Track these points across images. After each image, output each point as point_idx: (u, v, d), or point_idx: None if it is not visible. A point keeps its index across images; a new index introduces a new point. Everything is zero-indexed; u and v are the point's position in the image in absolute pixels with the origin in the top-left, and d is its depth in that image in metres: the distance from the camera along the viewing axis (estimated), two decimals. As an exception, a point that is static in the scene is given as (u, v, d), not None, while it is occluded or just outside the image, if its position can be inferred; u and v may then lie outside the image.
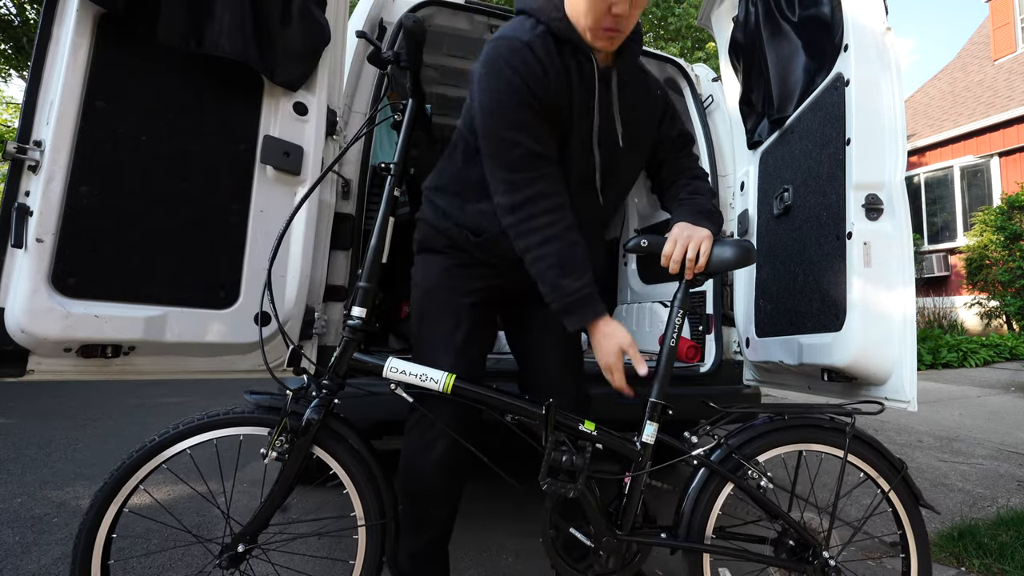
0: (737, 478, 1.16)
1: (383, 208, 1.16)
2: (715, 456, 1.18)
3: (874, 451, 1.22)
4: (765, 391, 2.30)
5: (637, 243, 1.18)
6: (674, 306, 1.18)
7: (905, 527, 1.21)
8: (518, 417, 1.14)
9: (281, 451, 1.09)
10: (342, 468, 1.14)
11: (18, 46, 9.35)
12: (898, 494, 1.21)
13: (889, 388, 1.36)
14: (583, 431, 1.14)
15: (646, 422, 1.15)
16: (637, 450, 1.15)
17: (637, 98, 1.24)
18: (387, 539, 1.14)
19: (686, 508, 1.17)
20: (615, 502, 1.19)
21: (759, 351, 1.86)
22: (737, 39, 2.02)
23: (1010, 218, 7.58)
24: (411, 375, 1.12)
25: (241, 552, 1.08)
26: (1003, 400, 4.57)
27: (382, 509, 1.13)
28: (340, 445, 1.14)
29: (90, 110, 1.19)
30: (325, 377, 1.13)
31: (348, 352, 1.13)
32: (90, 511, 1.03)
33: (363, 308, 1.13)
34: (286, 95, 1.42)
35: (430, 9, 2.00)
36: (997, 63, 10.32)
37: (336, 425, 1.15)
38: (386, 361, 1.13)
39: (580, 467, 1.11)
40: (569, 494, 1.10)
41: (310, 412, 1.09)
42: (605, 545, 1.14)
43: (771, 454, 1.21)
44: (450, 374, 1.13)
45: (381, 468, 1.15)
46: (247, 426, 1.12)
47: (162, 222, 1.27)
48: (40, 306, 1.12)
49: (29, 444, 2.89)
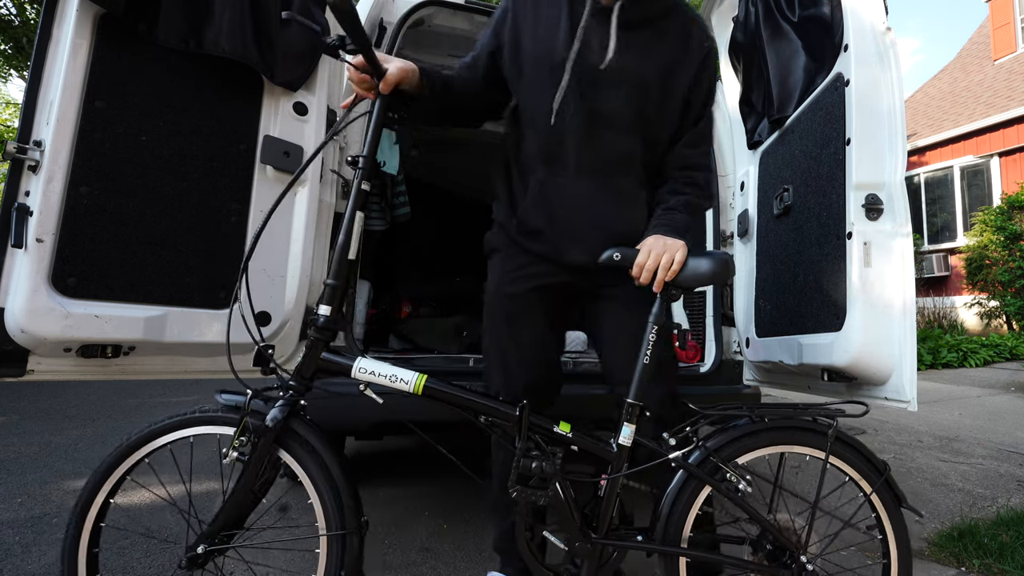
0: (715, 481, 1.14)
1: (351, 203, 1.10)
2: (693, 459, 1.15)
3: (856, 453, 1.19)
4: (765, 391, 2.30)
5: (610, 256, 1.14)
6: (648, 322, 1.13)
7: (887, 530, 1.19)
8: (491, 419, 1.11)
9: (242, 451, 1.05)
10: (304, 473, 1.09)
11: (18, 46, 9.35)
12: (880, 497, 1.19)
13: (889, 388, 1.36)
14: (558, 433, 1.12)
15: (623, 424, 1.12)
16: (613, 452, 1.12)
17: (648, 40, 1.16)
18: (347, 553, 1.05)
19: (663, 511, 1.15)
20: (591, 503, 1.17)
21: (759, 351, 1.86)
22: (737, 39, 2.02)
23: (1010, 218, 7.57)
24: (380, 376, 1.08)
25: (201, 554, 1.03)
26: (1003, 400, 4.57)
27: (342, 520, 1.06)
28: (303, 449, 1.09)
29: (90, 110, 1.19)
30: (291, 378, 1.09)
31: (315, 352, 1.08)
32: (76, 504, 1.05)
33: (329, 306, 1.08)
34: (286, 95, 1.42)
35: (430, 9, 2.00)
36: (997, 63, 10.31)
37: (300, 428, 1.09)
38: (355, 361, 1.09)
39: (551, 474, 1.08)
40: (540, 502, 1.08)
41: (273, 413, 1.05)
42: (579, 549, 1.12)
43: (751, 456, 1.19)
44: (421, 375, 1.09)
45: (345, 475, 1.09)
46: (212, 425, 1.09)
47: (162, 222, 1.27)
48: (40, 306, 1.12)
49: (29, 444, 2.89)
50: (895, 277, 1.35)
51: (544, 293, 1.28)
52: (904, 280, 1.34)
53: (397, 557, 1.71)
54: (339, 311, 1.09)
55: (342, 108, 1.20)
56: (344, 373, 1.09)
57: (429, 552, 1.76)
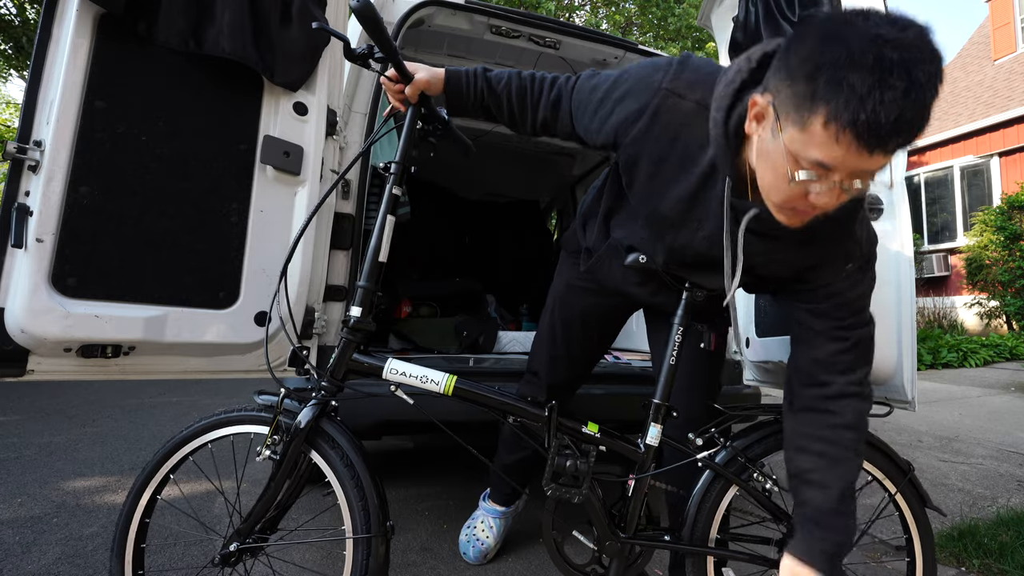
0: (742, 481, 1.15)
1: (383, 207, 1.13)
2: (720, 458, 1.16)
3: (881, 453, 1.20)
4: (765, 391, 2.30)
5: (636, 259, 1.13)
6: (674, 323, 1.13)
7: (911, 530, 1.20)
8: (520, 419, 1.13)
9: (274, 451, 1.08)
10: (333, 474, 1.10)
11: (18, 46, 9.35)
12: (904, 496, 1.19)
13: (889, 388, 1.36)
14: (586, 433, 1.13)
15: (650, 424, 1.13)
16: (641, 452, 1.13)
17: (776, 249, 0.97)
18: (372, 558, 1.05)
19: (690, 510, 1.16)
20: (618, 503, 1.18)
21: (759, 351, 1.86)
22: (737, 39, 2.02)
23: (1010, 218, 7.57)
24: (411, 376, 1.10)
25: (233, 551, 1.06)
26: (1003, 400, 4.57)
27: (368, 523, 1.06)
28: (333, 450, 1.10)
29: (90, 110, 1.19)
30: (323, 379, 1.10)
31: (346, 353, 1.11)
32: (126, 501, 1.11)
33: (361, 308, 1.10)
34: (286, 95, 1.42)
35: (430, 9, 1.99)
36: (997, 63, 10.31)
37: (330, 429, 1.11)
38: (386, 362, 1.11)
39: (584, 472, 1.09)
40: (574, 499, 1.09)
41: (304, 413, 1.08)
42: (608, 548, 1.13)
43: (777, 455, 1.19)
44: (451, 376, 1.11)
45: (373, 479, 1.10)
46: (249, 424, 1.12)
47: (162, 222, 1.27)
48: (40, 306, 1.12)
49: (29, 444, 2.89)
50: (895, 277, 1.35)
51: (608, 308, 1.41)
52: (904, 280, 1.34)
53: (397, 557, 1.71)
54: (370, 313, 1.12)
55: (384, 116, 1.25)
56: (375, 374, 1.11)
57: (429, 552, 1.76)
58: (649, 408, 1.14)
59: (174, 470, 1.13)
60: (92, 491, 2.22)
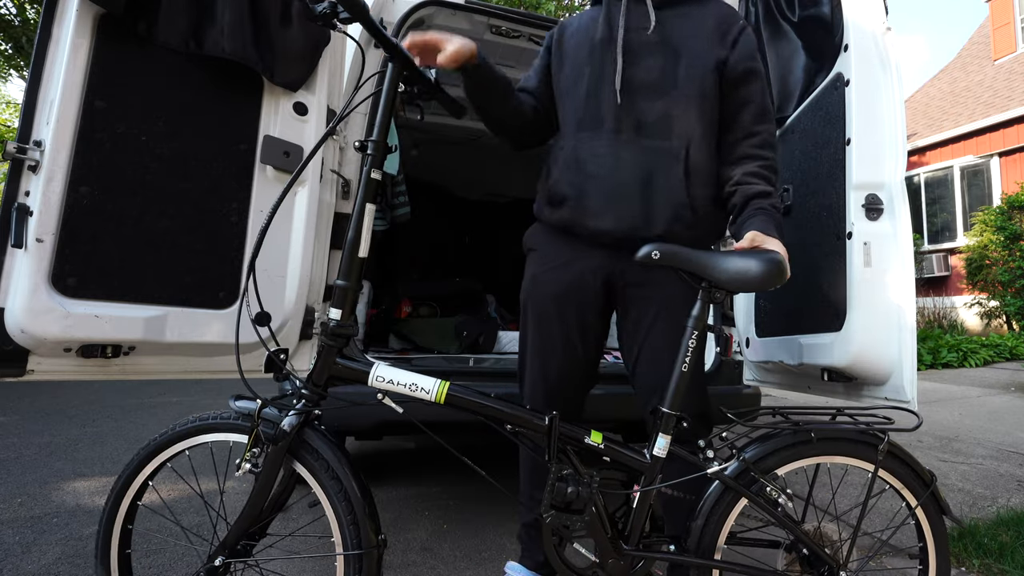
0: (752, 493, 1.08)
1: (360, 193, 1.00)
2: (730, 470, 1.09)
3: (905, 465, 1.14)
4: (765, 391, 2.30)
5: (648, 253, 1.04)
6: (688, 327, 1.05)
7: (927, 539, 1.16)
8: (518, 428, 1.05)
9: (254, 463, 1.01)
10: (319, 487, 1.03)
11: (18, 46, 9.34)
12: (924, 508, 1.14)
13: (889, 388, 1.36)
14: (589, 444, 1.05)
15: (659, 434, 1.05)
16: (647, 463, 1.06)
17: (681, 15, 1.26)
18: (363, 573, 0.99)
19: (697, 522, 1.10)
20: (622, 510, 1.12)
21: (759, 351, 1.86)
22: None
23: (1010, 218, 7.57)
24: (399, 384, 1.01)
25: (217, 566, 1.00)
26: (1003, 400, 4.56)
27: (358, 538, 0.99)
28: (318, 461, 1.02)
29: (90, 110, 1.19)
30: (303, 387, 1.02)
31: (328, 358, 1.01)
32: (104, 508, 1.07)
33: (340, 309, 1.00)
34: (286, 95, 1.42)
35: (430, 9, 2.00)
36: (997, 63, 10.31)
37: (314, 439, 1.03)
38: (371, 368, 1.02)
39: (587, 498, 1.02)
40: (575, 527, 1.02)
41: (285, 423, 0.99)
42: (611, 565, 1.07)
43: (791, 467, 1.13)
44: (443, 382, 1.02)
45: (362, 491, 1.03)
46: (226, 432, 1.06)
47: (162, 222, 1.27)
48: (40, 306, 1.12)
49: (29, 444, 2.89)
50: (895, 277, 1.35)
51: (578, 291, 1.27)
52: (904, 280, 1.34)
53: (397, 557, 1.71)
54: (351, 314, 1.03)
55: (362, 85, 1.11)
56: (360, 380, 1.02)
57: (429, 552, 1.76)
58: (657, 416, 1.06)
59: (151, 477, 1.07)
60: (92, 491, 2.22)
